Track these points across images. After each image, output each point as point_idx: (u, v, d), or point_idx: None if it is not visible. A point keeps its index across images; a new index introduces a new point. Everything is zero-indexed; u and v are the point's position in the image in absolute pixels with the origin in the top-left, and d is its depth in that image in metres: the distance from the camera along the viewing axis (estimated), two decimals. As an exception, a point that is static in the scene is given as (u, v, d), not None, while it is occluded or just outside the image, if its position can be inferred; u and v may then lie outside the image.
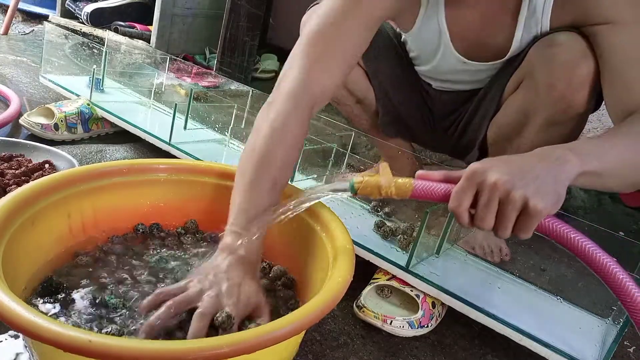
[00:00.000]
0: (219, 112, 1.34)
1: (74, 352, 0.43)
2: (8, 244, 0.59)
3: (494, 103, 0.97)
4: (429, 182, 0.59)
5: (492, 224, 0.57)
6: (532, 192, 0.55)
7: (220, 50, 2.13)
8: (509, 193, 0.54)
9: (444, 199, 0.58)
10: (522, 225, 0.56)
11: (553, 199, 0.56)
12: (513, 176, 0.55)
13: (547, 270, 1.00)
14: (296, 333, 0.51)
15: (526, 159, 0.60)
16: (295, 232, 0.76)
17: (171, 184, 0.82)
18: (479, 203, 0.56)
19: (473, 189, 0.56)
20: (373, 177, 0.60)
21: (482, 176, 0.56)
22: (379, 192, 0.59)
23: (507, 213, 0.55)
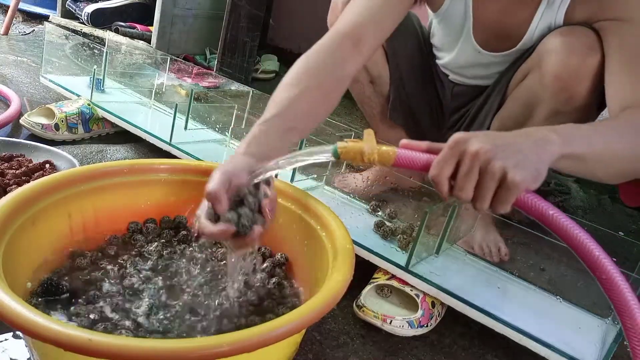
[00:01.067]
0: (220, 113, 1.34)
1: (74, 351, 0.43)
2: (8, 243, 0.59)
3: (499, 97, 0.99)
4: (412, 151, 0.58)
5: (470, 194, 0.56)
6: (512, 164, 0.55)
7: (220, 50, 2.13)
8: (488, 162, 0.54)
9: (426, 168, 0.57)
10: (500, 197, 0.56)
11: (533, 174, 0.56)
12: (495, 147, 0.55)
13: (547, 270, 1.00)
14: (296, 332, 0.51)
15: (510, 134, 0.60)
16: (295, 231, 0.76)
17: (171, 184, 0.82)
18: (459, 172, 0.56)
19: (455, 157, 0.56)
20: (357, 142, 0.59)
21: (464, 145, 0.56)
22: (362, 158, 0.58)
23: (485, 183, 0.55)
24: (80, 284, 0.65)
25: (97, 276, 0.67)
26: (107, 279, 0.67)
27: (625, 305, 0.55)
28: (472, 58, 1.01)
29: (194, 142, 1.21)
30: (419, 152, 0.58)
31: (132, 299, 0.64)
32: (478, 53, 0.99)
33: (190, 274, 0.71)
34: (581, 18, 0.85)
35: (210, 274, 0.72)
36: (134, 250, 0.75)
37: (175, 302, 0.65)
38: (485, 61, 1.00)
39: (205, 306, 0.65)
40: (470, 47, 0.99)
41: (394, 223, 0.92)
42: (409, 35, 1.12)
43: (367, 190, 1.08)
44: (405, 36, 1.12)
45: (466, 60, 1.03)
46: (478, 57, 1.00)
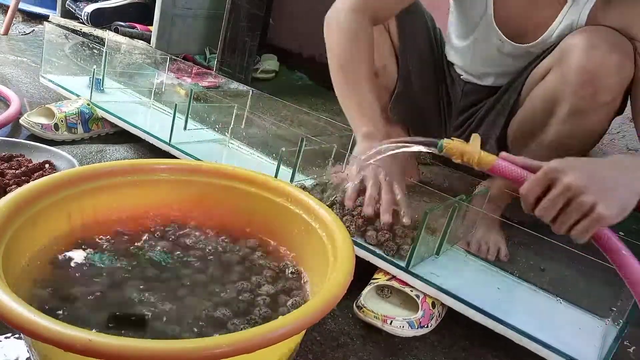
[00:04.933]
0: (219, 113, 1.34)
1: (74, 351, 0.43)
2: (8, 244, 0.59)
3: (513, 97, 0.98)
4: (509, 164, 0.63)
5: (551, 217, 0.60)
6: (601, 198, 0.58)
7: (220, 50, 2.13)
8: (578, 195, 0.58)
9: (518, 181, 0.63)
10: (581, 227, 0.59)
11: (620, 211, 0.59)
12: (587, 181, 0.58)
13: (547, 270, 1.00)
14: (296, 333, 0.51)
15: (604, 165, 0.63)
16: (295, 231, 0.76)
17: (171, 184, 0.82)
18: (548, 196, 0.60)
19: (547, 182, 0.60)
20: (462, 143, 0.65)
21: (558, 174, 0.59)
22: (462, 157, 0.65)
23: (570, 212, 0.59)
24: (78, 284, 0.65)
25: (95, 276, 0.67)
26: (104, 279, 0.67)
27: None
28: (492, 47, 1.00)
29: (194, 142, 1.21)
30: (516, 167, 0.63)
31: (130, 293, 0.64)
32: (499, 41, 0.98)
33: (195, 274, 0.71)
34: (607, 23, 0.85)
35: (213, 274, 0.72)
36: (137, 250, 0.75)
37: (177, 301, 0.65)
38: (505, 51, 0.98)
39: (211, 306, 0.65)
40: (492, 32, 0.98)
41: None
42: (420, 32, 1.12)
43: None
44: (416, 33, 1.11)
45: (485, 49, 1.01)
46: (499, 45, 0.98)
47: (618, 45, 0.81)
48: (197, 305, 0.64)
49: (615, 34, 0.82)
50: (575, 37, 0.85)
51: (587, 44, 0.83)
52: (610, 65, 0.81)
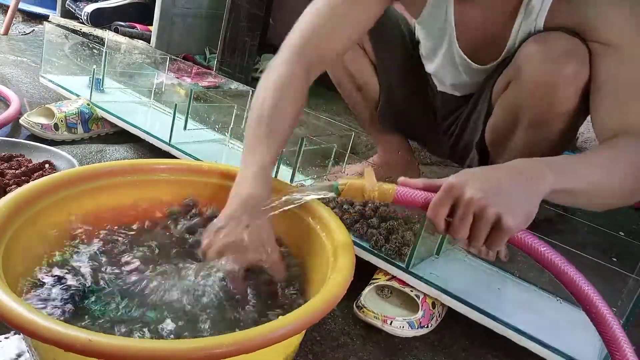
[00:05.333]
0: (219, 112, 1.34)
1: (74, 351, 0.43)
2: (8, 243, 0.59)
3: (485, 105, 0.98)
4: (410, 189, 0.61)
5: (465, 235, 0.60)
6: (505, 209, 0.57)
7: (220, 50, 2.13)
8: (482, 209, 0.57)
9: (423, 207, 0.61)
10: (493, 239, 0.59)
11: (524, 217, 0.59)
12: (488, 193, 0.58)
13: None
14: (296, 333, 0.51)
15: (502, 173, 0.62)
16: (295, 231, 0.76)
17: (171, 184, 0.82)
18: (455, 216, 0.59)
19: (450, 201, 0.59)
20: (357, 180, 0.62)
21: (458, 191, 0.59)
22: (362, 195, 0.61)
23: (480, 227, 0.58)
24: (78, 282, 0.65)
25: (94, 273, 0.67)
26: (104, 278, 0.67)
27: (614, 340, 0.57)
28: (458, 65, 0.99)
29: (194, 142, 1.21)
30: (417, 191, 0.61)
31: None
32: (463, 61, 0.97)
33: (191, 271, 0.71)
34: (563, 26, 0.83)
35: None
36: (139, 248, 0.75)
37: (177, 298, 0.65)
38: (469, 71, 0.98)
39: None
40: (455, 54, 0.97)
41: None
42: (396, 43, 1.10)
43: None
44: (392, 45, 1.10)
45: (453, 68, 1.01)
46: (463, 65, 0.98)
47: (571, 51, 0.80)
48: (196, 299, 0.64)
49: (568, 40, 0.81)
50: (528, 48, 0.84)
51: (539, 57, 0.82)
52: (565, 76, 0.80)
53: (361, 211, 0.94)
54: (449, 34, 0.96)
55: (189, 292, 0.64)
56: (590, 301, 0.58)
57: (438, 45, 1.00)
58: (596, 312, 0.58)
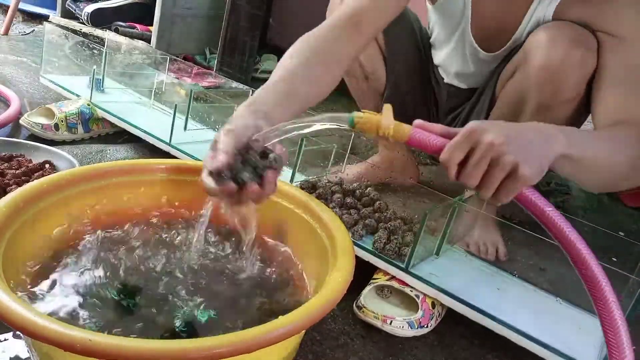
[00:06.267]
0: (219, 113, 1.34)
1: (74, 351, 0.43)
2: (8, 243, 0.59)
3: (489, 97, 1.00)
4: (426, 133, 0.60)
5: (477, 182, 0.58)
6: (522, 158, 0.57)
7: (220, 50, 2.13)
8: (501, 155, 0.56)
9: (437, 150, 0.59)
10: (506, 188, 0.58)
11: (539, 169, 0.58)
12: (508, 139, 0.57)
13: (547, 270, 1.00)
14: (296, 333, 0.51)
15: (522, 127, 0.62)
16: (295, 231, 0.76)
17: (171, 184, 0.82)
18: (471, 160, 0.58)
19: (468, 145, 0.58)
20: (375, 115, 0.60)
21: (478, 135, 0.57)
22: (377, 130, 0.59)
23: (495, 173, 0.57)
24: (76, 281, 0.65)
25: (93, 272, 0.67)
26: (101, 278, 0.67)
27: (604, 302, 0.58)
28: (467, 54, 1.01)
29: (194, 142, 1.21)
30: (432, 135, 0.60)
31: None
32: (473, 49, 0.99)
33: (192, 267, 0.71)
34: (573, 18, 0.85)
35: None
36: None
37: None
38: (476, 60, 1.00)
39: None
40: (467, 43, 1.00)
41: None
42: (407, 35, 1.12)
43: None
44: (403, 36, 1.12)
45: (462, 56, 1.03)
46: (472, 53, 1.00)
47: (580, 40, 0.82)
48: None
49: (577, 29, 0.83)
50: (538, 34, 0.86)
51: (548, 42, 0.83)
52: (572, 62, 0.81)
53: (361, 211, 0.94)
54: (464, 21, 0.98)
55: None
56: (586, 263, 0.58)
57: (451, 32, 1.02)
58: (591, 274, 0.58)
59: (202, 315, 0.61)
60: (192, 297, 0.65)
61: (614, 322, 0.57)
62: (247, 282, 0.70)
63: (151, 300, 0.64)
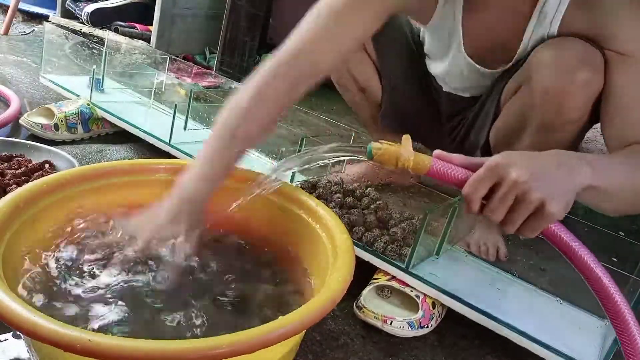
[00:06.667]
0: (219, 113, 1.34)
1: (74, 351, 0.43)
2: (8, 243, 0.59)
3: (493, 106, 0.97)
4: (447, 164, 0.59)
5: (502, 217, 0.58)
6: (548, 195, 0.56)
7: (220, 50, 2.13)
8: (527, 193, 0.56)
9: (460, 184, 0.58)
10: (531, 225, 0.58)
11: (565, 205, 0.58)
12: (533, 177, 0.56)
13: (547, 271, 1.00)
14: (296, 333, 0.51)
15: (547, 160, 0.61)
16: (295, 231, 0.76)
17: (171, 184, 0.82)
18: (495, 195, 0.57)
19: (492, 180, 0.57)
20: (393, 146, 0.59)
21: (503, 170, 0.57)
22: (396, 162, 0.59)
23: (520, 211, 0.57)
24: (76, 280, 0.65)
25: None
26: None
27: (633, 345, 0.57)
28: (465, 71, 0.98)
29: (194, 142, 1.21)
30: (454, 166, 0.59)
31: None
32: (470, 67, 0.96)
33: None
34: (578, 32, 0.82)
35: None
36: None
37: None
38: (478, 75, 0.98)
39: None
40: (462, 60, 0.97)
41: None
42: (398, 44, 1.10)
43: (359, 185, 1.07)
44: (395, 48, 1.10)
45: (458, 73, 1.00)
46: (471, 71, 0.97)
47: (585, 59, 0.79)
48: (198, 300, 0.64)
49: (583, 46, 0.79)
50: (542, 53, 0.83)
51: (553, 62, 0.80)
52: (577, 83, 0.79)
53: (362, 211, 0.94)
54: (457, 41, 0.95)
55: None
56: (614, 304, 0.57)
57: (445, 50, 0.99)
58: (620, 317, 0.57)
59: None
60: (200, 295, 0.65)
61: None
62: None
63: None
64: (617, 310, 0.58)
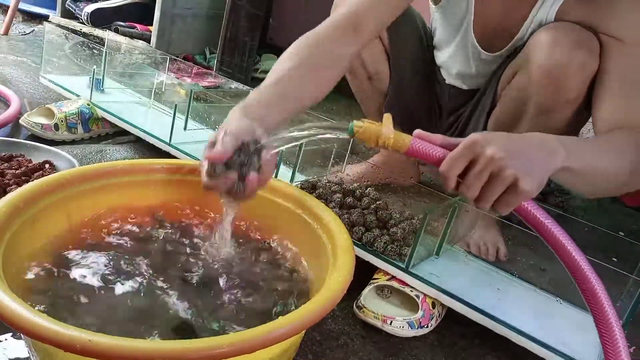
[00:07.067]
0: (219, 113, 1.34)
1: (74, 351, 0.43)
2: (8, 243, 0.59)
3: (490, 98, 1.00)
4: (427, 143, 0.60)
5: (476, 193, 0.59)
6: (523, 173, 0.57)
7: (220, 50, 2.13)
8: (502, 169, 0.57)
9: (437, 162, 0.59)
10: (505, 200, 0.59)
11: (538, 184, 0.59)
12: (509, 154, 0.57)
13: (547, 270, 1.00)
14: (296, 333, 0.51)
15: (524, 140, 0.62)
16: (295, 231, 0.76)
17: (171, 184, 0.82)
18: (471, 172, 0.58)
19: (468, 157, 0.58)
20: (374, 124, 0.60)
21: (479, 148, 0.58)
22: (377, 140, 0.60)
23: (494, 186, 0.58)
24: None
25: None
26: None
27: (605, 319, 0.58)
28: (469, 53, 1.01)
29: (194, 142, 1.21)
30: (433, 145, 0.60)
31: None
32: (475, 50, 0.99)
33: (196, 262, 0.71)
34: (575, 19, 0.85)
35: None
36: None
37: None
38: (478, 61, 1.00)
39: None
40: (469, 43, 0.99)
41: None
42: (411, 34, 1.12)
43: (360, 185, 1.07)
44: (407, 35, 1.12)
45: (464, 56, 1.02)
46: (474, 54, 1.00)
47: (581, 41, 0.81)
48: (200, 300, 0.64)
49: (579, 30, 0.82)
50: (539, 35, 0.86)
51: (549, 43, 0.83)
52: (574, 64, 0.81)
53: (362, 211, 0.94)
54: (466, 22, 0.98)
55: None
56: (585, 277, 0.58)
57: (453, 33, 1.02)
58: (590, 288, 0.58)
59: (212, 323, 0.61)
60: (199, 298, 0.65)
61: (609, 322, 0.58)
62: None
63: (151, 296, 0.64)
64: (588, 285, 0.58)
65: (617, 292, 0.73)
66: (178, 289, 0.66)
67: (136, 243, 0.77)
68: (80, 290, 0.64)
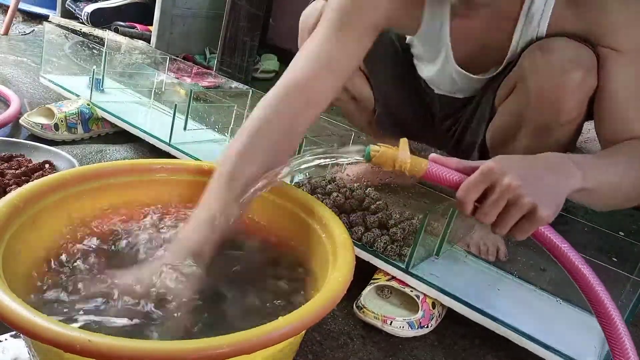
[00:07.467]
0: (219, 113, 1.34)
1: (74, 352, 0.43)
2: (8, 243, 0.59)
3: (488, 107, 0.97)
4: (443, 167, 0.61)
5: (492, 220, 0.60)
6: (540, 200, 0.58)
7: (220, 50, 2.13)
8: (519, 197, 0.57)
9: (454, 186, 0.60)
10: (522, 227, 0.59)
11: (555, 209, 0.59)
12: (526, 181, 0.58)
13: (547, 271, 1.00)
14: (296, 333, 0.51)
15: (539, 165, 0.63)
16: (295, 231, 0.76)
17: (171, 184, 0.82)
18: (488, 199, 0.59)
19: (485, 184, 0.59)
20: (390, 149, 0.61)
21: (496, 175, 0.58)
22: (393, 164, 0.61)
23: (512, 214, 0.58)
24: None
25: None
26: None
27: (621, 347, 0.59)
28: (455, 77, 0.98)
29: (194, 142, 1.21)
30: (449, 170, 0.61)
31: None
32: (460, 74, 0.96)
33: None
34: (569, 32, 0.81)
35: None
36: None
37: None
38: (468, 81, 0.97)
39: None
40: (452, 68, 0.96)
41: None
42: (385, 51, 1.09)
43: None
44: (382, 55, 1.08)
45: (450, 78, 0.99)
46: (461, 77, 0.97)
47: (577, 59, 0.78)
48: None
49: (574, 46, 0.79)
50: (533, 54, 0.82)
51: (544, 65, 0.80)
52: (571, 85, 0.78)
53: (362, 212, 0.94)
54: (445, 50, 0.94)
55: None
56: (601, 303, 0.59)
57: (435, 55, 0.97)
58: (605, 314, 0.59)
59: None
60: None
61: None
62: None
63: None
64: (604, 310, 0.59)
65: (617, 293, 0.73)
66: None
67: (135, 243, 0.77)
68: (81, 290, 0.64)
